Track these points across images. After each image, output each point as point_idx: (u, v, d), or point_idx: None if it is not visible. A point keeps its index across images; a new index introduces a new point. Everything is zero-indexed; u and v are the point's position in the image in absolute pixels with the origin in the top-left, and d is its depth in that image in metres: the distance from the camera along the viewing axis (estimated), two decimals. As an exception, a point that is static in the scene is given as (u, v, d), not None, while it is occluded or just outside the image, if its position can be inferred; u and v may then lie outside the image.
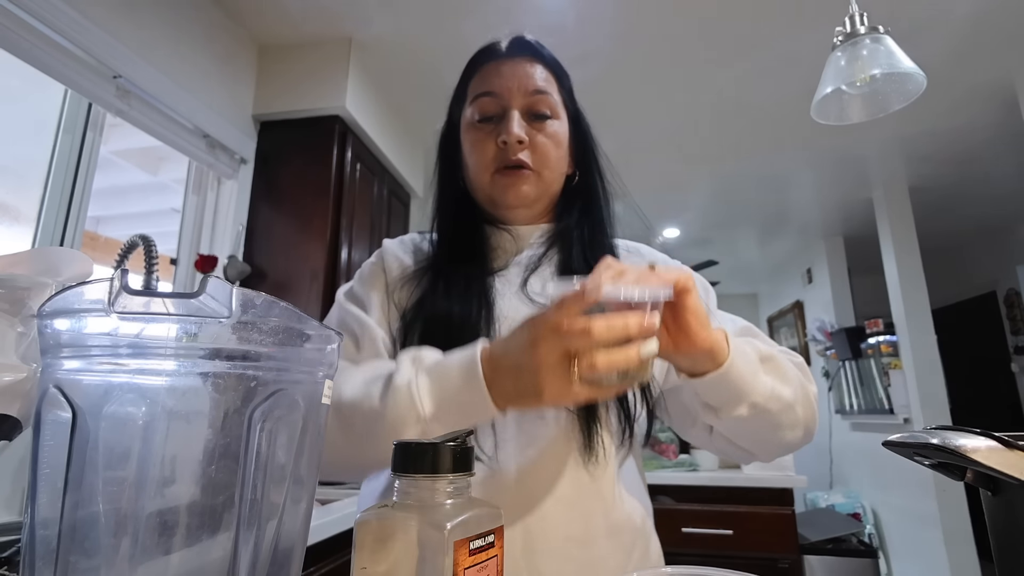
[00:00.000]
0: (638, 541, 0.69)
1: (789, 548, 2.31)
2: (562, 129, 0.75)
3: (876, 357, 3.64)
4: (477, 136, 0.74)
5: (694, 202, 3.93)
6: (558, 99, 0.75)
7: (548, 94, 0.73)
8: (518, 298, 0.71)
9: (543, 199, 0.76)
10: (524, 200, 0.73)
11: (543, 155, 0.72)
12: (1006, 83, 2.53)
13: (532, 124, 0.72)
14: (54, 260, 0.49)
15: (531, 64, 0.74)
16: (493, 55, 0.76)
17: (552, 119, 0.73)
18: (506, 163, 0.71)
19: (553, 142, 0.73)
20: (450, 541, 0.35)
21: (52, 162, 1.52)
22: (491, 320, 0.69)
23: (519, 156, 0.71)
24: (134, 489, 0.34)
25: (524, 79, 0.72)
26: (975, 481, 0.44)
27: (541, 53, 0.76)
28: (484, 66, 0.75)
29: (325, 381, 0.42)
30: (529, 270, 0.74)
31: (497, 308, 0.70)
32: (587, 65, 2.40)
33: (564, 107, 0.76)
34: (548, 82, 0.74)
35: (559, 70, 0.77)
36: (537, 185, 0.73)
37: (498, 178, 0.73)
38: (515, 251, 0.77)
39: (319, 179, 2.11)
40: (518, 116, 0.71)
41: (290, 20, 2.12)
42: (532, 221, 0.78)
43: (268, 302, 0.37)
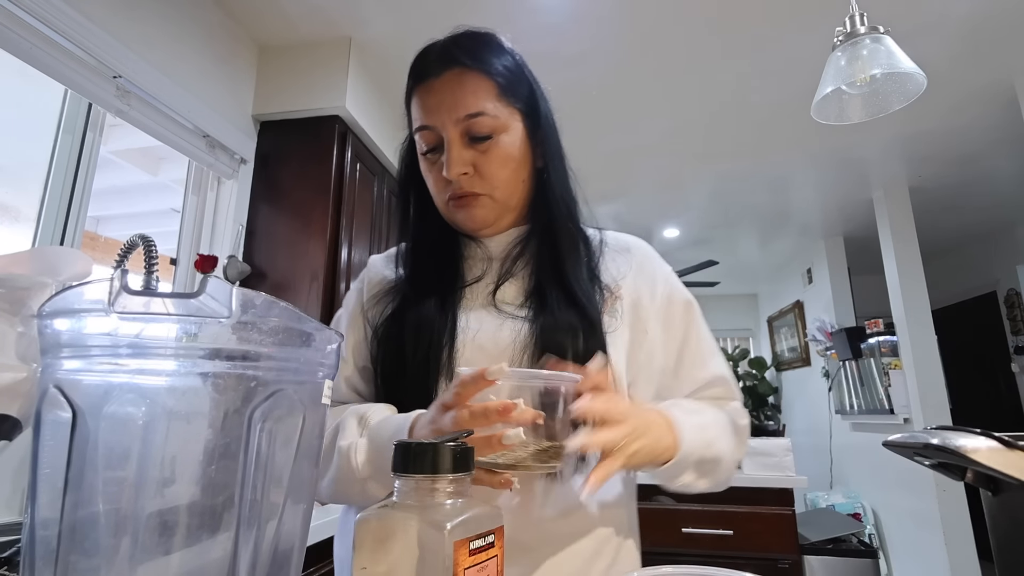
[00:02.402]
0: (604, 549, 0.67)
1: (789, 548, 2.31)
2: (509, 140, 0.70)
3: (876, 357, 3.64)
4: (427, 166, 0.72)
5: (694, 202, 3.92)
6: (500, 109, 0.69)
7: (484, 114, 0.67)
8: (486, 310, 0.70)
9: (505, 214, 0.73)
10: (482, 224, 0.72)
11: (490, 177, 0.69)
12: (1006, 83, 2.53)
13: (474, 147, 0.68)
14: (54, 260, 0.49)
15: (461, 81, 0.68)
16: (424, 74, 0.70)
17: (496, 134, 0.68)
18: (454, 194, 0.70)
19: (499, 161, 0.69)
20: (450, 541, 0.35)
21: (52, 162, 1.52)
22: (455, 335, 0.68)
23: (464, 188, 0.69)
24: (134, 489, 0.34)
25: (454, 105, 0.67)
26: (975, 481, 0.44)
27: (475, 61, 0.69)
28: (418, 89, 0.71)
29: (325, 381, 0.42)
30: (498, 280, 0.72)
31: (464, 321, 0.69)
32: (587, 64, 2.40)
33: (513, 108, 0.71)
34: (483, 97, 0.68)
35: (502, 74, 0.70)
36: (492, 207, 0.71)
37: (453, 206, 0.71)
38: (486, 260, 0.75)
39: (319, 179, 2.11)
40: (456, 148, 0.68)
41: (290, 20, 2.12)
42: (502, 230, 0.76)
43: (268, 302, 0.37)
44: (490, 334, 0.68)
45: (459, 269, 0.75)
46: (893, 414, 3.48)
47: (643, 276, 0.75)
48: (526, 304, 0.69)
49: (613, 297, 0.71)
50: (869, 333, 3.73)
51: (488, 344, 0.67)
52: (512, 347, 0.66)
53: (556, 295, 0.68)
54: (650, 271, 0.76)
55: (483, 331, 0.68)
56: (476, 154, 0.69)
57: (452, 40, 0.72)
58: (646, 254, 0.79)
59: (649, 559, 2.00)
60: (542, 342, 0.65)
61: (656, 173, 3.44)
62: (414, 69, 0.73)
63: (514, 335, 0.66)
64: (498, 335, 0.67)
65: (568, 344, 0.64)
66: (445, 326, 0.68)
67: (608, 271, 0.74)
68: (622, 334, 0.70)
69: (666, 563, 0.49)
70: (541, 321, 0.66)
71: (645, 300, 0.73)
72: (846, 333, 3.93)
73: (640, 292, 0.73)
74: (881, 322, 3.70)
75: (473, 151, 0.68)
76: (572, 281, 0.69)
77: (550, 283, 0.69)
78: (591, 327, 0.66)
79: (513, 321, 0.68)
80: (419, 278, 0.74)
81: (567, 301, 0.67)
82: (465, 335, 0.68)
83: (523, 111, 0.72)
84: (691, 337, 0.75)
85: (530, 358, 0.64)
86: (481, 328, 0.68)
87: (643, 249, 0.79)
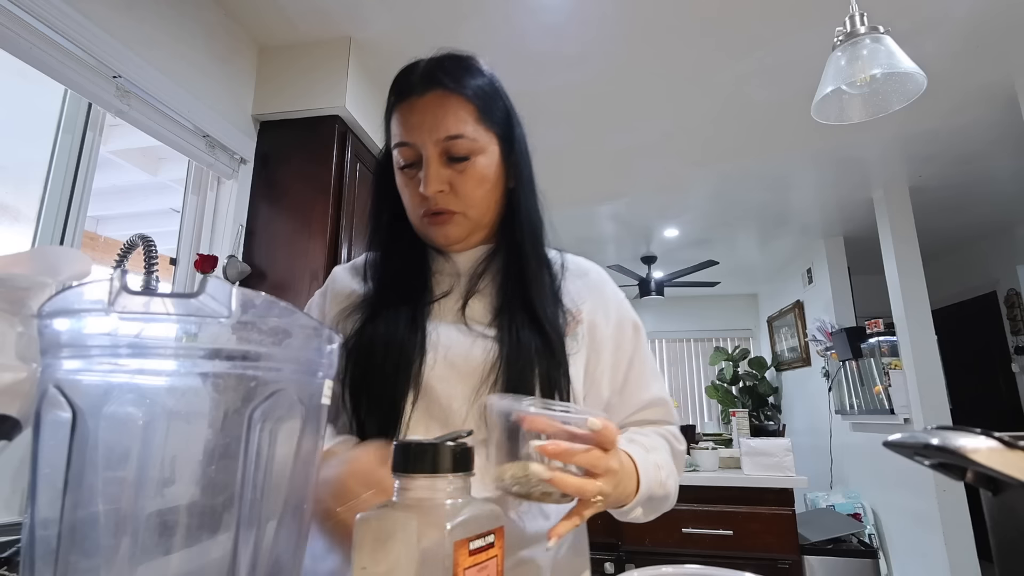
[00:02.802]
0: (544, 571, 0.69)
1: (789, 548, 2.31)
2: (486, 162, 0.72)
3: (876, 357, 3.64)
4: (403, 180, 0.74)
5: (694, 202, 3.92)
6: (479, 132, 0.71)
7: (462, 136, 0.70)
8: (456, 326, 0.72)
9: (477, 232, 0.76)
10: (454, 241, 0.75)
11: (465, 197, 0.71)
12: (1006, 83, 2.53)
13: (452, 167, 0.71)
14: (54, 260, 0.49)
15: (443, 102, 0.70)
16: (407, 92, 0.72)
17: (473, 156, 0.71)
18: (430, 211, 0.72)
19: (475, 181, 0.71)
20: (450, 541, 0.35)
21: (52, 162, 1.52)
22: (425, 349, 0.70)
23: (439, 205, 0.71)
24: (134, 489, 0.34)
25: (435, 126, 0.69)
26: (975, 481, 0.44)
27: (457, 85, 0.71)
28: (399, 106, 0.73)
29: (325, 381, 0.42)
30: (466, 296, 0.75)
31: (433, 336, 0.71)
32: (587, 64, 2.40)
33: (490, 133, 0.73)
34: (464, 120, 0.70)
35: (482, 98, 0.72)
36: (465, 225, 0.73)
37: (427, 222, 0.73)
38: (454, 275, 0.77)
39: (319, 179, 2.11)
40: (434, 167, 0.70)
41: (290, 20, 2.12)
42: (471, 247, 0.78)
43: (268, 302, 0.37)
44: (462, 352, 0.70)
45: (428, 283, 0.77)
46: (893, 414, 3.48)
47: (599, 300, 0.79)
48: (494, 323, 0.72)
49: (575, 321, 0.75)
50: (869, 333, 3.73)
51: (459, 362, 0.69)
52: (483, 367, 0.68)
53: (522, 317, 0.71)
54: (605, 296, 0.80)
55: (454, 349, 0.70)
56: (453, 173, 0.71)
57: (436, 61, 0.74)
58: (602, 278, 0.83)
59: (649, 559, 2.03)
60: (510, 363, 0.68)
61: (656, 173, 3.44)
62: (397, 86, 0.74)
63: (485, 354, 0.69)
64: (470, 353, 0.69)
65: (535, 366, 0.67)
66: (415, 340, 0.70)
67: (569, 294, 0.77)
68: (582, 356, 0.74)
69: (666, 563, 0.50)
70: (508, 342, 0.69)
71: (601, 323, 0.77)
72: (846, 333, 3.93)
73: (596, 316, 0.77)
74: (881, 322, 3.70)
75: (450, 170, 0.71)
76: (538, 304, 0.72)
77: (516, 304, 0.72)
78: (555, 351, 0.70)
79: (484, 340, 0.70)
80: (388, 291, 0.76)
81: (533, 324, 0.71)
82: (436, 351, 0.70)
83: (499, 134, 0.74)
84: (636, 360, 0.79)
85: (499, 379, 0.67)
86: (452, 346, 0.70)
87: (600, 274, 0.83)
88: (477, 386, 0.68)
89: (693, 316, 6.62)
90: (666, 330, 6.70)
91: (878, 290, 3.84)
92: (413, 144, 0.71)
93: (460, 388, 0.68)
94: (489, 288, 0.75)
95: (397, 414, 0.68)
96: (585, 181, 3.52)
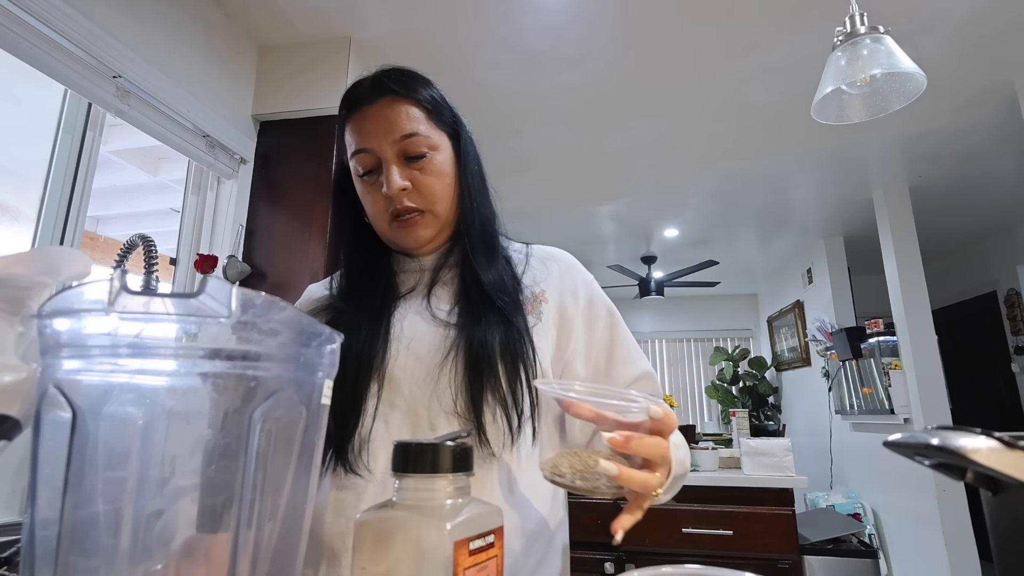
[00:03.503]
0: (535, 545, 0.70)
1: (789, 548, 2.31)
2: (443, 158, 0.75)
3: (876, 357, 3.64)
4: (364, 188, 0.76)
5: (694, 202, 3.92)
6: (432, 130, 0.75)
7: (417, 134, 0.73)
8: (420, 315, 0.74)
9: (445, 230, 0.78)
10: (424, 242, 0.76)
11: (428, 192, 0.74)
12: (1006, 83, 2.53)
13: (411, 166, 0.73)
14: (54, 260, 0.49)
15: (394, 106, 0.74)
16: (357, 103, 0.75)
17: (430, 152, 0.74)
18: (396, 211, 0.73)
19: (435, 176, 0.74)
20: (450, 541, 0.35)
21: (52, 162, 1.52)
22: (388, 340, 0.71)
23: (405, 203, 0.73)
24: (134, 489, 0.34)
25: (390, 128, 0.72)
26: (975, 481, 0.44)
27: (404, 89, 0.75)
28: (352, 117, 0.76)
29: (325, 381, 0.42)
30: (429, 288, 0.77)
31: (397, 328, 0.73)
32: (587, 65, 2.40)
33: (441, 130, 0.76)
34: (416, 120, 0.74)
35: (429, 100, 0.76)
36: (434, 223, 0.75)
37: (396, 227, 0.75)
38: (419, 271, 0.80)
39: (319, 179, 2.11)
40: (395, 167, 0.72)
41: (289, 20, 2.12)
42: (438, 247, 0.80)
43: (268, 302, 0.37)
44: (424, 340, 0.71)
45: (393, 283, 0.79)
46: (893, 414, 3.48)
47: (566, 282, 0.80)
48: (454, 310, 0.73)
49: (537, 300, 0.77)
50: (869, 333, 3.73)
51: (421, 349, 0.71)
52: (442, 350, 0.70)
53: (481, 299, 0.72)
54: (572, 278, 0.81)
55: (417, 338, 0.72)
56: (412, 172, 0.73)
57: (382, 73, 0.77)
58: (569, 263, 0.83)
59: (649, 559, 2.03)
60: (468, 343, 0.69)
61: (656, 173, 3.44)
62: (347, 100, 0.78)
63: (444, 339, 0.70)
64: (432, 341, 0.71)
65: (495, 341, 0.68)
66: (379, 331, 0.72)
67: (531, 277, 0.79)
68: (548, 334, 0.75)
69: (666, 563, 0.49)
70: (469, 325, 0.70)
71: (569, 304, 0.78)
72: (846, 333, 3.93)
73: (564, 298, 0.78)
74: (881, 322, 3.70)
75: (409, 169, 0.73)
76: (494, 286, 0.74)
77: (475, 289, 0.74)
78: (515, 328, 0.70)
79: (445, 328, 0.71)
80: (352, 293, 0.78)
81: (491, 304, 0.72)
82: (400, 342, 0.71)
83: (449, 133, 0.78)
84: (617, 339, 0.79)
85: (460, 362, 0.68)
86: (415, 335, 0.72)
87: (566, 258, 0.84)
88: (437, 367, 0.69)
89: (693, 316, 6.62)
90: (666, 330, 6.70)
91: (878, 290, 3.84)
92: (371, 149, 0.73)
93: (421, 373, 0.69)
94: (452, 278, 0.77)
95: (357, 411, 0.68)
96: (585, 181, 3.52)
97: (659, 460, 0.53)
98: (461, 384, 0.67)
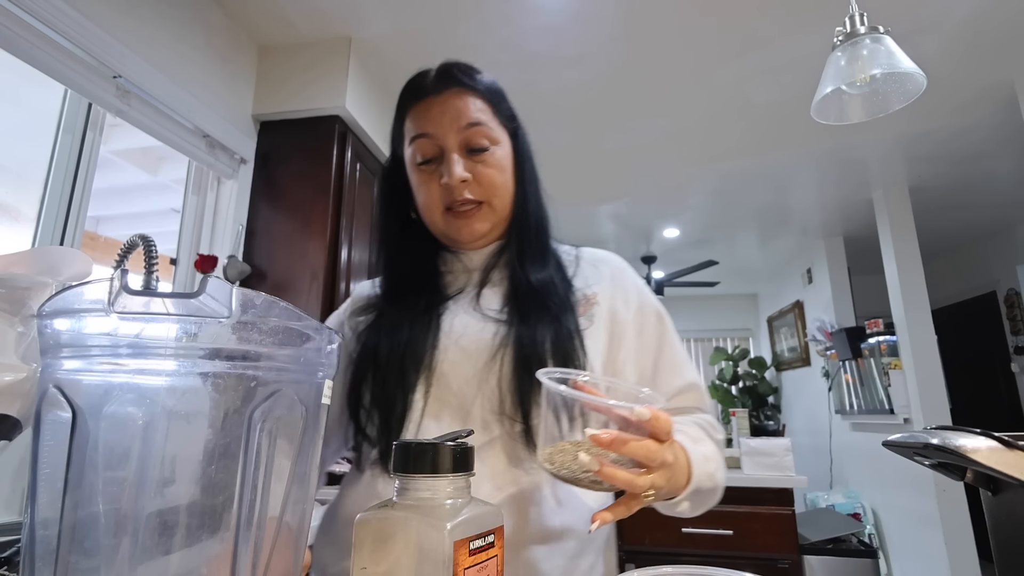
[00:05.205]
0: (587, 550, 0.68)
1: (789, 548, 2.31)
2: (504, 153, 0.75)
3: (876, 357, 3.64)
4: (421, 177, 0.74)
5: (694, 202, 3.92)
6: (495, 124, 0.75)
7: (483, 124, 0.73)
8: (470, 315, 0.72)
9: (498, 226, 0.77)
10: (478, 235, 0.75)
11: (488, 185, 0.73)
12: (1006, 83, 2.53)
13: (472, 157, 0.72)
14: (54, 260, 0.49)
15: (461, 97, 0.73)
16: (422, 92, 0.75)
17: (491, 146, 0.73)
18: (453, 202, 0.72)
19: (496, 169, 0.73)
20: (450, 541, 0.35)
21: (52, 162, 1.52)
22: (437, 340, 0.70)
23: (464, 195, 0.72)
24: (134, 489, 0.34)
25: (456, 116, 0.72)
26: (975, 481, 0.44)
27: (471, 81, 0.75)
28: (415, 105, 0.75)
29: (325, 381, 0.42)
30: (479, 288, 0.76)
31: (447, 326, 0.72)
32: (587, 65, 2.40)
33: (503, 128, 0.76)
34: (482, 111, 0.74)
35: (493, 93, 0.76)
36: (490, 217, 0.74)
37: (450, 218, 0.74)
38: (467, 272, 0.79)
39: (319, 179, 2.11)
40: (456, 156, 0.71)
41: (289, 20, 2.12)
42: (490, 243, 0.79)
43: (268, 302, 0.37)
44: (473, 336, 0.70)
45: (439, 284, 0.78)
46: (893, 414, 3.47)
47: (617, 286, 0.78)
48: (504, 309, 0.72)
49: (589, 302, 0.75)
50: (869, 333, 3.73)
51: (470, 345, 0.69)
52: (491, 346, 0.68)
53: (532, 298, 0.71)
54: (624, 282, 0.80)
55: (467, 334, 0.71)
56: (473, 164, 0.73)
57: (448, 64, 0.76)
58: (620, 266, 0.82)
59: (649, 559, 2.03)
60: (518, 339, 0.67)
61: (656, 173, 3.44)
62: (410, 89, 0.77)
63: (493, 336, 0.69)
64: (480, 337, 0.70)
65: (545, 341, 0.67)
66: (428, 328, 0.71)
67: (583, 279, 0.78)
68: (600, 336, 0.73)
69: (666, 563, 0.49)
70: (518, 324, 0.69)
71: (620, 309, 0.76)
72: (846, 333, 3.93)
73: (616, 302, 0.77)
74: (881, 322, 3.70)
75: (471, 161, 0.72)
76: (545, 286, 0.73)
77: (525, 289, 0.72)
78: (566, 328, 0.69)
79: (495, 324, 0.70)
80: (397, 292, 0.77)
81: (542, 305, 0.71)
82: (449, 338, 0.70)
83: (509, 131, 0.78)
84: (665, 346, 0.77)
85: (509, 360, 0.67)
86: (465, 331, 0.71)
87: (617, 262, 0.83)
88: (486, 365, 0.67)
89: (693, 316, 6.61)
90: (666, 330, 6.69)
91: (878, 290, 3.84)
92: (433, 135, 0.72)
93: (470, 370, 0.68)
94: (501, 279, 0.76)
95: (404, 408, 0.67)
96: (585, 181, 3.52)
97: (655, 464, 0.52)
98: (510, 384, 0.66)
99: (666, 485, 0.54)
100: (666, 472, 0.53)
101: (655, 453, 0.51)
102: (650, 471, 0.52)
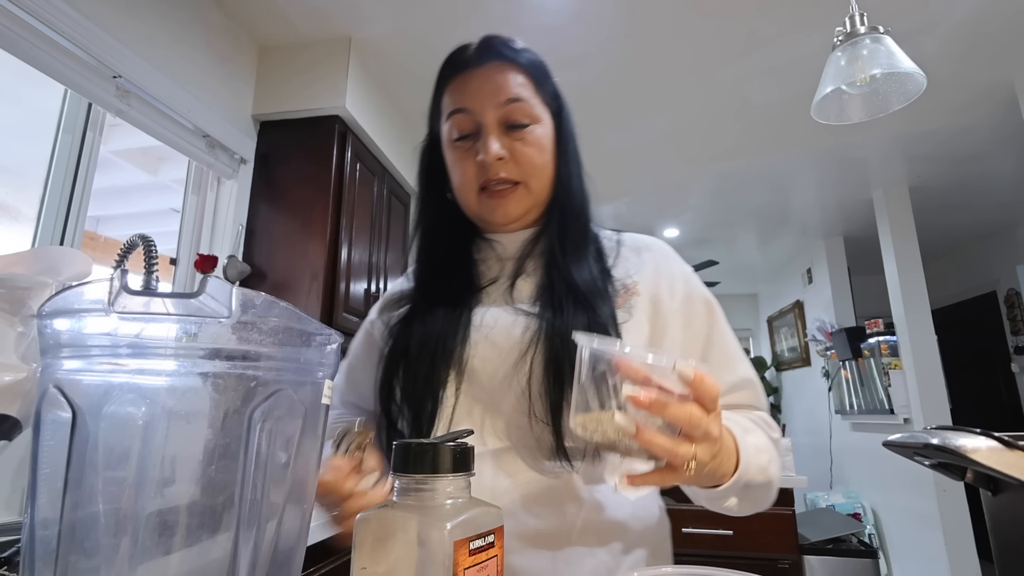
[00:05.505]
0: (636, 544, 0.66)
1: (789, 548, 2.31)
2: (544, 131, 0.71)
3: (876, 357, 3.64)
4: (456, 155, 0.71)
5: (694, 202, 3.92)
6: (537, 101, 0.71)
7: (523, 100, 0.69)
8: (502, 308, 0.70)
9: (535, 209, 0.72)
10: (512, 218, 0.71)
11: (527, 164, 0.69)
12: (1006, 83, 2.53)
13: (511, 135, 0.69)
14: (54, 260, 0.49)
15: (502, 71, 0.69)
16: (462, 65, 0.71)
17: (531, 124, 0.69)
18: (488, 181, 0.69)
19: (535, 148, 0.69)
20: (450, 541, 0.35)
21: (52, 162, 1.52)
22: (468, 336, 0.68)
23: (500, 173, 0.68)
24: (134, 489, 0.34)
25: (495, 90, 0.68)
26: (975, 481, 0.44)
27: (514, 55, 0.71)
28: (454, 79, 0.71)
29: (325, 381, 0.42)
30: (513, 278, 0.72)
31: (479, 318, 0.69)
32: (587, 65, 2.40)
33: (546, 106, 0.72)
34: (523, 87, 0.70)
35: (537, 69, 0.72)
36: (525, 198, 0.70)
37: (484, 198, 0.70)
38: (500, 260, 0.75)
39: (319, 179, 2.11)
40: (494, 133, 0.68)
41: (289, 20, 2.12)
42: (523, 228, 0.75)
43: (268, 302, 0.37)
44: (504, 331, 0.67)
45: (472, 274, 0.74)
46: (893, 414, 3.47)
47: (662, 274, 0.73)
48: (538, 301, 0.68)
49: (628, 293, 0.70)
50: (869, 333, 3.73)
51: (501, 340, 0.66)
52: (522, 342, 0.65)
53: (566, 291, 0.67)
54: (669, 269, 0.74)
55: (497, 329, 0.67)
56: (512, 142, 0.69)
57: (490, 37, 0.73)
58: (665, 252, 0.76)
59: (649, 559, 1.91)
60: (549, 335, 0.64)
61: (656, 173, 3.44)
62: (451, 63, 0.72)
63: (524, 331, 0.66)
64: (511, 331, 0.67)
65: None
66: (459, 322, 0.68)
67: (623, 268, 0.73)
68: (640, 328, 0.68)
69: (666, 563, 0.49)
70: (550, 316, 0.65)
71: (665, 298, 0.71)
72: (846, 333, 3.93)
73: (659, 290, 0.71)
74: (881, 322, 3.70)
75: (509, 139, 0.69)
76: (582, 277, 0.68)
77: (560, 279, 0.68)
78: (601, 325, 0.64)
79: (527, 318, 0.67)
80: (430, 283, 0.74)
81: (577, 296, 0.66)
82: (479, 332, 0.68)
83: (552, 110, 0.73)
84: (715, 338, 0.71)
85: (538, 351, 0.64)
86: (496, 326, 0.68)
87: (661, 248, 0.77)
88: (516, 362, 0.64)
89: (693, 316, 6.60)
90: (666, 330, 6.68)
91: (878, 290, 3.84)
92: (471, 110, 0.69)
93: (501, 366, 0.65)
94: (536, 269, 0.72)
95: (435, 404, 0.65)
96: (585, 181, 3.51)
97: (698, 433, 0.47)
98: (540, 387, 0.62)
99: (710, 462, 0.49)
100: (710, 446, 0.48)
101: (698, 420, 0.47)
102: (692, 440, 0.47)
